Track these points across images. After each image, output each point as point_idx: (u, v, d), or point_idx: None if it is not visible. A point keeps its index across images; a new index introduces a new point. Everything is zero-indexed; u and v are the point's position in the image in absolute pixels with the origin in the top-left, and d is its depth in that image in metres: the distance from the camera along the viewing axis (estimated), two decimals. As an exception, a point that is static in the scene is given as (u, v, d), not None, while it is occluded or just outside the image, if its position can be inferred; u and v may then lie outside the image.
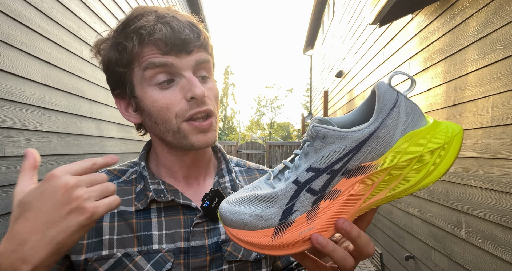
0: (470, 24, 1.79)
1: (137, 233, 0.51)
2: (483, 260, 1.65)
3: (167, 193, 0.54)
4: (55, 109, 1.98)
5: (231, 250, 0.55)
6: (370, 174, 0.35)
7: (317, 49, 9.16)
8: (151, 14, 0.49)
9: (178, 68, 0.49)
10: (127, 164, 0.61)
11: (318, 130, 0.36)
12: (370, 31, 3.72)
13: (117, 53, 0.50)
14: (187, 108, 0.49)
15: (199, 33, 0.50)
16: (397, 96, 0.35)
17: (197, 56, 0.50)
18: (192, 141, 0.51)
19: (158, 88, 0.50)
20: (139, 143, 3.59)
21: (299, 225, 0.36)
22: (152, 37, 0.47)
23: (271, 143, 9.55)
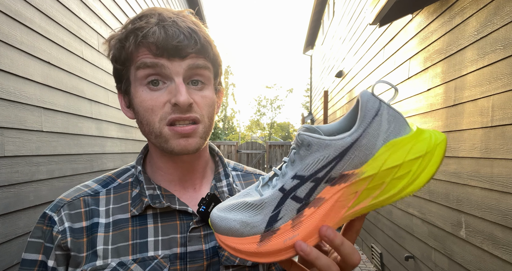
0: (470, 24, 1.79)
1: (132, 241, 0.51)
2: (483, 260, 1.65)
3: (162, 199, 0.53)
4: (55, 109, 1.98)
5: (228, 255, 0.54)
6: (353, 182, 0.35)
7: (317, 49, 9.16)
8: (154, 16, 0.49)
9: (169, 71, 0.49)
10: (124, 166, 0.60)
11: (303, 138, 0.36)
12: (370, 31, 3.72)
13: (117, 50, 0.51)
14: (169, 112, 0.49)
15: (198, 40, 0.49)
16: (380, 105, 0.35)
17: (191, 61, 0.49)
18: (173, 146, 0.50)
19: (148, 89, 0.50)
20: (139, 143, 3.59)
21: (284, 233, 0.36)
22: (145, 39, 0.47)
23: (271, 143, 9.56)
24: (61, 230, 0.49)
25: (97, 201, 0.53)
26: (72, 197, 0.53)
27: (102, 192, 0.54)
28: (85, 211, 0.52)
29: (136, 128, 3.48)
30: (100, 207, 0.53)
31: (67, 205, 0.52)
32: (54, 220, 0.50)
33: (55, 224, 0.50)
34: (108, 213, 0.52)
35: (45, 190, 1.85)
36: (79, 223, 0.50)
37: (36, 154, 1.78)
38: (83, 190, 0.54)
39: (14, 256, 1.60)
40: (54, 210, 0.51)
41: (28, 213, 1.71)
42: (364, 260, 3.77)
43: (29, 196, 1.72)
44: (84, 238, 0.50)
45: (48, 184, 1.88)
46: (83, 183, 0.57)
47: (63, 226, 0.50)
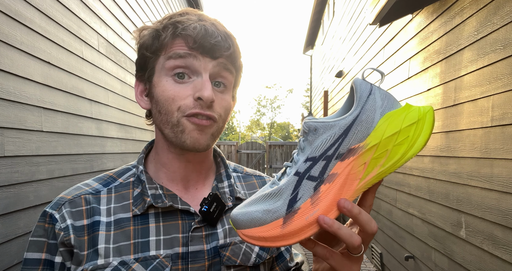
0: (470, 24, 1.79)
1: (134, 240, 0.50)
2: (483, 260, 1.65)
3: (165, 198, 0.53)
4: (55, 109, 1.98)
5: (229, 255, 0.54)
6: (360, 154, 0.39)
7: (317, 49, 9.16)
8: (195, 15, 0.52)
9: (199, 66, 0.50)
10: (125, 166, 0.60)
11: (309, 125, 0.40)
12: (370, 31, 3.72)
13: (151, 39, 0.52)
14: (190, 106, 0.50)
15: (231, 45, 0.52)
16: (371, 86, 0.40)
17: (221, 60, 0.52)
18: (185, 137, 0.51)
19: (172, 80, 0.51)
20: (139, 143, 3.59)
21: (305, 211, 0.38)
22: (184, 31, 0.49)
23: (271, 143, 9.55)
24: (63, 227, 0.49)
25: (98, 200, 0.53)
26: (73, 195, 0.53)
27: (103, 191, 0.54)
28: (86, 209, 0.51)
29: (136, 129, 3.48)
30: (101, 206, 0.52)
31: (68, 203, 0.51)
32: (56, 218, 0.50)
33: (57, 222, 0.49)
34: (109, 212, 0.52)
35: (45, 190, 1.85)
36: (80, 221, 0.50)
37: (36, 154, 1.78)
38: (83, 188, 0.54)
39: (14, 256, 1.60)
40: (54, 208, 0.51)
41: (28, 213, 1.71)
42: (364, 260, 3.77)
43: (29, 196, 1.72)
44: (85, 236, 0.49)
45: (48, 184, 1.88)
46: (83, 182, 0.56)
47: (65, 223, 0.49)
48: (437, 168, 2.13)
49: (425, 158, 2.31)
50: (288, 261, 0.67)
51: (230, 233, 0.57)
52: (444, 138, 2.05)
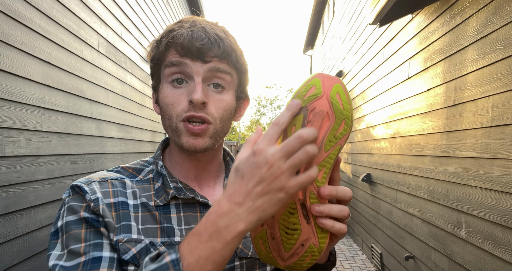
0: (470, 24, 1.79)
1: (161, 225, 0.53)
2: (483, 260, 1.65)
3: (186, 191, 0.56)
4: (55, 109, 1.97)
5: (242, 247, 0.57)
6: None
7: (317, 49, 9.16)
8: (188, 22, 0.55)
9: (191, 71, 0.53)
10: (140, 162, 0.62)
11: None
12: (370, 31, 3.71)
13: (152, 50, 0.57)
14: (185, 110, 0.53)
15: (222, 45, 0.53)
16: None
17: (213, 64, 0.53)
18: (182, 142, 0.54)
19: (171, 86, 0.54)
20: (139, 143, 3.59)
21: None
22: (173, 40, 0.53)
23: (271, 143, 9.53)
24: (93, 198, 0.49)
25: (124, 185, 0.55)
26: (101, 178, 0.54)
27: (127, 179, 0.57)
28: (113, 191, 0.53)
29: (136, 129, 3.48)
30: (127, 190, 0.54)
31: (98, 182, 0.53)
32: (85, 190, 0.50)
33: (87, 193, 0.50)
34: (135, 195, 0.54)
35: (45, 190, 1.85)
36: (107, 199, 0.51)
37: (36, 154, 1.78)
38: (108, 174, 0.56)
39: (14, 256, 1.60)
40: (84, 182, 0.52)
41: (28, 213, 1.71)
42: (364, 260, 3.77)
43: (29, 196, 1.72)
44: (113, 212, 0.51)
45: (48, 184, 1.88)
46: (103, 171, 0.58)
47: (96, 195, 0.50)
48: (437, 168, 2.13)
49: (425, 158, 2.31)
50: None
51: None
52: (444, 137, 2.05)
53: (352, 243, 4.46)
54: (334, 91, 0.41)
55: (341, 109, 0.41)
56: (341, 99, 0.41)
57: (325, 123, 0.40)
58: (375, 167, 3.46)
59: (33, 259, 1.74)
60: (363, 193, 3.97)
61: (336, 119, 0.40)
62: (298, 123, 0.40)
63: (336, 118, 0.41)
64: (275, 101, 25.21)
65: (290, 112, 0.40)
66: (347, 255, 3.95)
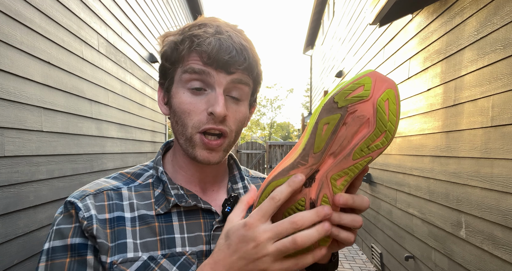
0: (470, 24, 1.79)
1: (160, 237, 0.51)
2: (483, 260, 1.65)
3: (188, 198, 0.55)
4: (55, 109, 1.98)
5: None
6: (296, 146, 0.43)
7: (317, 49, 9.16)
8: (213, 27, 0.52)
9: (213, 80, 0.51)
10: (139, 167, 0.61)
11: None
12: (370, 31, 3.71)
13: (170, 50, 0.54)
14: (204, 121, 0.51)
15: (247, 57, 0.52)
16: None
17: (236, 76, 0.52)
18: (196, 154, 0.52)
19: (189, 93, 0.52)
20: (139, 143, 3.59)
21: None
22: (200, 47, 0.50)
23: (271, 143, 9.55)
24: (87, 216, 0.48)
25: (120, 196, 0.53)
26: (96, 190, 0.53)
27: (124, 188, 0.55)
28: (108, 204, 0.51)
29: (136, 129, 3.48)
30: (123, 201, 0.53)
31: (92, 196, 0.51)
32: (79, 206, 0.49)
33: (80, 210, 0.49)
34: (132, 207, 0.53)
35: (45, 190, 1.85)
36: (102, 215, 0.50)
37: (36, 154, 1.78)
38: (104, 184, 0.55)
39: (14, 256, 1.60)
40: (78, 198, 0.50)
41: (28, 213, 1.71)
42: (364, 260, 3.77)
43: (29, 196, 1.72)
44: (108, 229, 0.49)
45: (48, 184, 1.88)
46: (101, 179, 0.57)
47: (89, 212, 0.49)
48: (437, 168, 2.13)
49: (425, 158, 2.31)
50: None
51: None
52: (444, 137, 2.05)
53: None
54: (383, 97, 0.36)
55: (385, 120, 0.36)
56: (388, 109, 0.36)
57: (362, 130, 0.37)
58: (375, 167, 3.47)
59: (33, 259, 1.74)
60: (363, 193, 3.98)
61: (375, 129, 0.36)
62: (332, 123, 0.37)
63: (376, 128, 0.36)
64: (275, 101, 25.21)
65: (290, 189, 0.38)
66: (347, 255, 3.95)
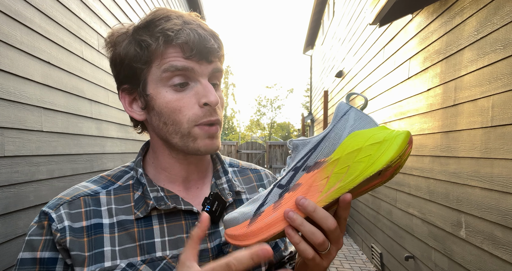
0: (470, 24, 1.79)
1: (139, 242, 0.50)
2: (483, 260, 1.65)
3: (167, 200, 0.53)
4: (55, 109, 1.98)
5: (232, 251, 0.55)
6: (324, 167, 0.41)
7: (317, 49, 9.16)
8: (178, 18, 0.50)
9: (197, 74, 0.50)
10: (120, 168, 0.59)
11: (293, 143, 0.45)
12: (370, 31, 3.72)
13: (139, 49, 0.49)
14: (200, 115, 0.50)
15: (220, 45, 0.52)
16: (349, 108, 0.43)
17: (215, 65, 0.52)
18: (199, 145, 0.52)
19: (173, 90, 0.50)
20: (139, 143, 3.59)
21: (266, 214, 0.41)
22: (179, 40, 0.48)
23: (271, 143, 9.55)
24: (60, 228, 0.48)
25: (98, 201, 0.52)
26: (72, 196, 0.52)
27: (102, 193, 0.53)
28: (85, 211, 0.51)
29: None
30: (101, 207, 0.52)
31: (67, 204, 0.50)
32: (52, 218, 0.48)
33: (54, 221, 0.48)
34: (111, 213, 0.51)
35: (45, 190, 1.85)
36: (79, 223, 0.49)
37: (36, 154, 1.78)
38: (81, 189, 0.53)
39: (14, 256, 1.60)
40: (52, 208, 0.50)
41: (28, 213, 1.71)
42: (364, 260, 3.77)
43: (29, 196, 1.72)
44: (85, 237, 0.48)
45: (48, 184, 1.88)
46: (80, 183, 0.56)
47: (62, 224, 0.48)
48: (437, 168, 2.13)
49: (425, 158, 2.31)
50: (283, 251, 0.68)
51: None
52: (444, 137, 2.05)
53: (352, 243, 4.46)
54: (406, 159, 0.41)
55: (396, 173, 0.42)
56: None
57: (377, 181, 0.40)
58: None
59: (33, 259, 1.74)
60: (363, 193, 3.97)
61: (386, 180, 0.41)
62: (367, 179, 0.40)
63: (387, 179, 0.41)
64: (275, 101, 25.22)
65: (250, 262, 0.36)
66: (347, 255, 3.95)
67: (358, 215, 4.25)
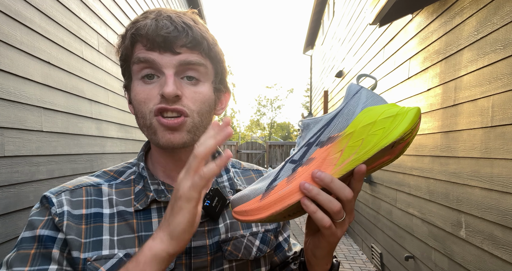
0: (470, 24, 1.79)
1: (138, 234, 0.50)
2: (483, 260, 1.65)
3: (168, 193, 0.54)
4: (55, 109, 1.98)
5: (231, 249, 0.55)
6: (337, 141, 0.41)
7: (317, 49, 9.16)
8: (154, 13, 0.50)
9: (160, 65, 0.49)
10: (123, 165, 0.60)
11: (303, 122, 0.46)
12: (370, 31, 3.72)
13: (119, 47, 0.53)
14: (156, 103, 0.49)
15: (191, 33, 0.49)
16: (360, 88, 0.44)
17: (184, 57, 0.49)
18: (158, 138, 0.50)
19: (142, 82, 0.51)
20: (139, 143, 3.59)
21: (280, 187, 0.42)
22: (137, 32, 0.49)
23: (271, 143, 9.55)
24: (59, 212, 0.48)
25: (99, 191, 0.53)
26: (75, 185, 0.53)
27: (104, 185, 0.54)
28: (86, 200, 0.51)
29: (136, 128, 3.48)
30: (103, 197, 0.52)
31: (69, 192, 0.51)
32: (53, 202, 0.49)
33: (53, 205, 0.49)
34: (111, 203, 0.52)
35: (45, 190, 1.85)
36: (79, 210, 0.50)
37: (36, 154, 1.78)
38: (85, 180, 0.54)
39: (14, 256, 1.60)
40: (54, 193, 0.50)
41: (28, 213, 1.71)
42: (364, 260, 3.77)
43: (29, 196, 1.72)
44: (83, 225, 0.49)
45: (48, 184, 1.88)
46: (84, 176, 0.57)
47: (62, 209, 0.49)
48: (437, 168, 2.13)
49: (425, 158, 2.31)
50: (286, 251, 0.68)
51: (231, 228, 0.57)
52: (444, 137, 2.05)
53: (352, 243, 4.46)
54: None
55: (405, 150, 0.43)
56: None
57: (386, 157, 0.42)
58: (375, 167, 3.46)
59: (33, 259, 1.74)
60: (363, 193, 3.98)
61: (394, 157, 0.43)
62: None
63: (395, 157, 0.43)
64: (275, 101, 25.21)
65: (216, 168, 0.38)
66: (347, 255, 3.95)
67: (358, 215, 4.25)
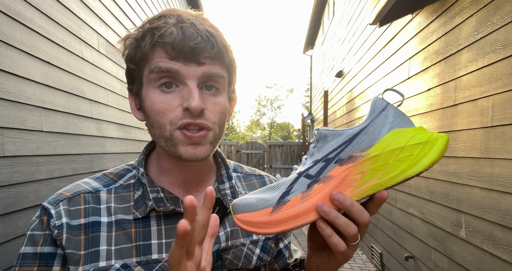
0: (470, 24, 1.79)
1: (136, 243, 0.49)
2: (483, 260, 1.65)
3: (167, 202, 0.52)
4: (55, 109, 1.98)
5: (231, 258, 0.54)
6: (360, 162, 0.39)
7: (317, 49, 9.16)
8: (173, 17, 0.48)
9: (183, 76, 0.47)
10: (124, 167, 0.59)
11: (321, 133, 0.43)
12: (370, 31, 3.72)
13: (133, 50, 0.50)
14: (180, 117, 0.47)
15: (215, 43, 0.48)
16: (387, 104, 0.41)
17: (208, 68, 0.48)
18: (181, 152, 0.49)
19: (160, 91, 0.48)
20: (139, 143, 3.59)
21: (293, 203, 0.40)
22: (162, 39, 0.46)
23: (271, 143, 9.55)
24: (58, 225, 0.48)
25: (98, 199, 0.52)
26: (72, 193, 0.51)
27: (103, 191, 0.53)
28: (84, 208, 0.50)
29: (136, 129, 3.48)
30: (101, 205, 0.51)
31: (67, 201, 0.50)
32: (51, 214, 0.48)
33: (52, 217, 0.48)
34: (109, 211, 0.51)
35: (45, 190, 1.85)
36: (77, 220, 0.49)
37: (36, 154, 1.78)
38: (83, 186, 0.53)
39: (14, 256, 1.60)
40: (52, 203, 0.50)
41: (28, 213, 1.71)
42: (364, 260, 3.77)
43: (29, 196, 1.72)
44: (82, 235, 0.48)
45: (48, 184, 1.88)
46: (82, 180, 0.56)
47: (60, 221, 0.48)
48: (437, 168, 2.13)
49: (425, 158, 2.31)
50: (287, 258, 0.67)
51: (231, 236, 0.56)
52: (444, 138, 2.04)
53: (352, 243, 4.46)
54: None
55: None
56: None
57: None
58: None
59: (33, 259, 1.74)
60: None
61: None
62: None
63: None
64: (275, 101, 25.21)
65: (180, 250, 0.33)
66: (347, 255, 3.95)
67: (358, 215, 4.25)
